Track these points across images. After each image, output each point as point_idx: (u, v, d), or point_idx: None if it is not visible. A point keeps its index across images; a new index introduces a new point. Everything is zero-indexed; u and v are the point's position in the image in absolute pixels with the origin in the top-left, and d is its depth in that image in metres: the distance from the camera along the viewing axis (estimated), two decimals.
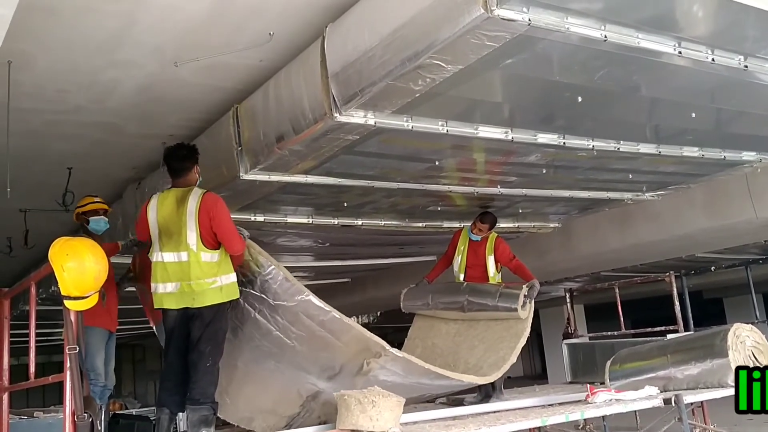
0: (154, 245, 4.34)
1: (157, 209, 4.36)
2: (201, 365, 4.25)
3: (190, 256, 4.25)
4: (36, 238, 7.78)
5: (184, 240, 4.26)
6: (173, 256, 4.27)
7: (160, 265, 4.30)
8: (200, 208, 4.27)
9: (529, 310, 6.33)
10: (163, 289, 4.30)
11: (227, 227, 4.36)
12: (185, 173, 4.48)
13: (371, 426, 4.60)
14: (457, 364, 6.33)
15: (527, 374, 33.02)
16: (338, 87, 4.14)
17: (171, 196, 4.40)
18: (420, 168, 5.95)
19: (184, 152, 4.53)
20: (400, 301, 7.08)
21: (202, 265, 4.26)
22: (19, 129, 5.27)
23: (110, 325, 5.44)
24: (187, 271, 4.24)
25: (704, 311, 21.15)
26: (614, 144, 5.67)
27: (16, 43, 4.03)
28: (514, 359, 6.15)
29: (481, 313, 6.51)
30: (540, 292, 6.47)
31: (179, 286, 4.26)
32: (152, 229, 4.34)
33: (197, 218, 4.26)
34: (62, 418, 3.64)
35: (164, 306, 4.32)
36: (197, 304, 4.25)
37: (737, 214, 7.65)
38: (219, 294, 4.30)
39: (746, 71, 4.31)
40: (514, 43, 3.54)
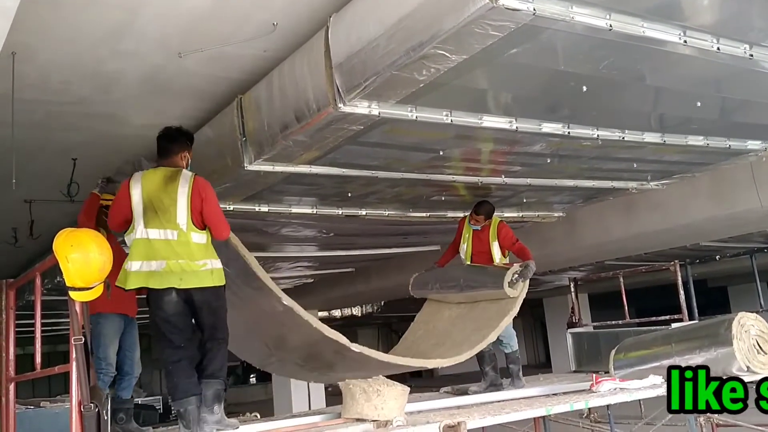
0: (137, 222, 4.22)
1: (142, 185, 4.28)
2: (213, 342, 4.33)
3: (180, 235, 4.20)
4: (41, 228, 7.80)
5: (173, 218, 4.20)
6: (159, 233, 4.19)
7: (143, 242, 4.19)
8: (193, 190, 4.26)
9: (521, 289, 6.34)
10: (147, 267, 4.18)
11: (217, 211, 4.37)
12: (170, 155, 4.45)
13: (376, 415, 4.63)
14: (445, 343, 6.38)
15: (531, 363, 33.18)
16: (342, 77, 4.13)
17: (158, 174, 4.35)
18: (424, 158, 5.95)
19: (173, 133, 4.50)
20: (410, 286, 7.15)
21: (192, 246, 4.22)
22: (23, 120, 5.27)
23: (127, 309, 5.32)
24: (176, 250, 4.18)
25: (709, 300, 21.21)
26: (619, 133, 5.66)
27: (20, 34, 4.02)
28: (493, 338, 6.19)
29: (476, 292, 6.57)
30: (544, 281, 6.50)
31: (165, 265, 4.17)
32: (135, 204, 4.24)
33: (189, 198, 4.24)
34: (69, 408, 3.66)
35: (148, 285, 4.18)
36: (185, 285, 4.18)
37: (742, 203, 7.63)
38: (210, 277, 4.27)
39: (752, 60, 4.30)
40: (519, 33, 3.52)
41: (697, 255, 14.03)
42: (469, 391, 6.43)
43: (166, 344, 4.26)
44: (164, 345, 4.27)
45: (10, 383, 4.43)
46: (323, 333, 4.96)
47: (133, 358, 5.38)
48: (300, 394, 16.84)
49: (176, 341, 4.25)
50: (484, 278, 6.55)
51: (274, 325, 5.22)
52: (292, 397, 16.85)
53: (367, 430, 4.53)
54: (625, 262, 12.35)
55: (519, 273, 6.28)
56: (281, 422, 4.94)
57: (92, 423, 3.59)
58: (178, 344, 4.26)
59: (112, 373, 5.18)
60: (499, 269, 6.48)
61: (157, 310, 4.23)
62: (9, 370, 4.46)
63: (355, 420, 4.71)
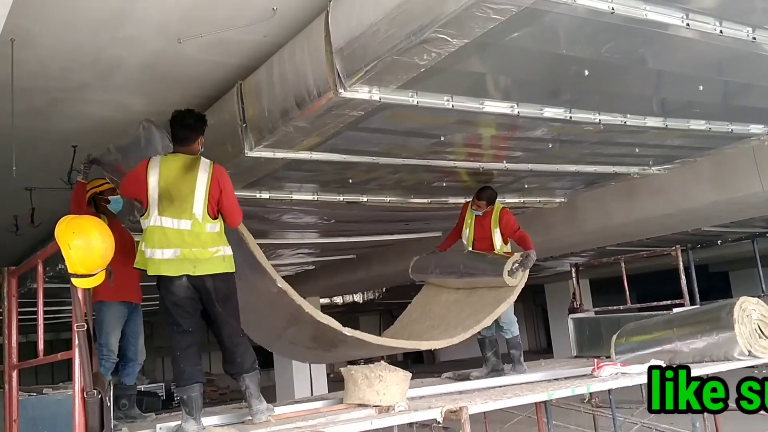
0: (151, 208, 4.24)
1: (159, 172, 4.29)
2: (237, 338, 4.37)
3: (194, 225, 4.22)
4: (42, 216, 7.80)
5: (189, 208, 4.23)
6: (173, 222, 4.22)
7: (158, 230, 4.22)
8: (212, 179, 4.30)
9: (521, 279, 6.35)
10: (160, 255, 4.21)
11: (233, 200, 4.41)
12: (189, 143, 4.46)
13: (378, 400, 4.65)
14: (440, 326, 6.43)
15: (533, 349, 33.28)
16: (343, 62, 4.11)
17: (177, 161, 4.36)
18: (425, 144, 5.93)
19: (191, 121, 4.48)
20: (409, 270, 7.16)
21: (205, 236, 4.25)
22: (23, 107, 5.25)
23: (130, 296, 5.36)
24: (188, 240, 4.21)
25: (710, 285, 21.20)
26: (621, 118, 5.64)
27: (19, 20, 4.00)
28: (488, 322, 6.24)
29: (475, 279, 6.59)
30: (546, 267, 6.51)
31: (178, 253, 4.20)
32: (151, 190, 4.25)
33: (208, 188, 4.27)
34: (71, 395, 3.67)
35: (161, 273, 4.22)
36: (198, 272, 4.22)
37: (744, 188, 7.62)
38: (222, 263, 4.30)
39: (754, 43, 4.28)
40: (520, 17, 3.50)
41: (699, 240, 14.00)
42: (471, 377, 6.45)
43: (175, 329, 4.29)
44: (173, 330, 4.30)
45: (13, 370, 4.45)
46: (315, 318, 5.01)
47: (137, 344, 5.41)
48: (302, 380, 16.90)
49: (185, 325, 4.28)
50: (484, 266, 6.56)
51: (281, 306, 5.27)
52: (294, 383, 16.91)
53: (369, 415, 4.54)
54: (626, 248, 12.34)
55: (519, 262, 6.28)
56: (284, 408, 4.95)
57: (95, 409, 3.60)
58: (186, 328, 4.29)
59: (113, 360, 5.22)
60: (499, 257, 6.49)
61: (167, 295, 4.26)
62: (12, 357, 4.47)
63: (358, 405, 4.73)
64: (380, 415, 4.53)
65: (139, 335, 5.43)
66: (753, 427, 7.40)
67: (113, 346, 5.22)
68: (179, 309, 4.27)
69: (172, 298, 4.25)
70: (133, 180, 4.39)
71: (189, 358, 4.28)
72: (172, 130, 4.50)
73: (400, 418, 4.54)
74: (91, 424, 3.58)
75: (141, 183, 4.30)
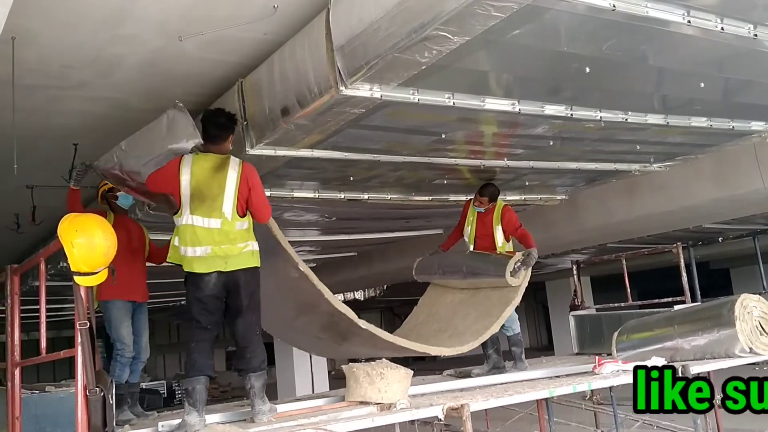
0: (184, 207, 4.35)
1: (191, 171, 4.37)
2: (252, 335, 4.44)
3: (223, 224, 4.33)
4: (43, 214, 7.80)
5: (218, 207, 4.33)
6: (203, 221, 4.32)
7: (189, 228, 4.33)
8: (241, 178, 4.40)
9: (523, 278, 6.36)
10: (192, 252, 4.32)
11: (262, 197, 4.54)
12: (220, 141, 4.55)
13: (380, 398, 4.66)
14: (447, 329, 6.44)
15: (534, 346, 33.30)
16: (344, 60, 4.11)
17: (208, 161, 4.45)
18: (426, 141, 5.93)
19: (223, 120, 4.57)
20: (413, 270, 7.17)
21: (234, 233, 4.36)
22: (24, 105, 5.26)
23: (133, 295, 5.39)
24: (218, 238, 4.31)
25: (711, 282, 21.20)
26: (622, 115, 5.63)
27: (20, 19, 4.00)
28: (497, 329, 6.24)
29: (479, 279, 6.59)
30: (547, 264, 6.50)
31: (209, 250, 4.31)
32: (183, 189, 4.35)
33: (237, 188, 4.37)
34: (74, 393, 3.68)
35: (194, 270, 4.32)
36: (230, 267, 4.33)
37: (745, 185, 7.61)
38: (251, 258, 4.43)
39: (756, 40, 4.26)
40: (521, 14, 3.50)
41: (700, 237, 14.00)
42: (472, 374, 6.45)
43: (194, 324, 4.38)
44: (192, 324, 4.40)
45: (16, 368, 4.46)
46: (333, 305, 5.03)
47: (141, 342, 5.43)
48: (303, 377, 16.92)
49: (204, 322, 4.36)
50: (487, 266, 6.57)
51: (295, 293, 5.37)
52: (295, 381, 16.92)
53: (370, 413, 4.55)
54: (627, 245, 12.34)
55: (521, 261, 6.29)
56: (285, 406, 4.96)
57: (98, 407, 3.62)
58: (205, 325, 4.37)
59: (129, 353, 5.25)
60: (501, 257, 6.49)
61: (195, 291, 4.35)
62: (14, 355, 4.48)
63: (359, 403, 4.74)
64: (382, 412, 4.54)
65: (143, 333, 5.45)
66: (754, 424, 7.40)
67: (126, 339, 5.25)
68: (202, 306, 4.35)
69: (198, 294, 4.34)
70: (166, 176, 4.46)
71: (202, 351, 4.36)
72: (205, 128, 4.57)
73: (401, 415, 4.55)
74: (94, 421, 3.59)
75: (174, 180, 4.39)
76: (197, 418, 4.20)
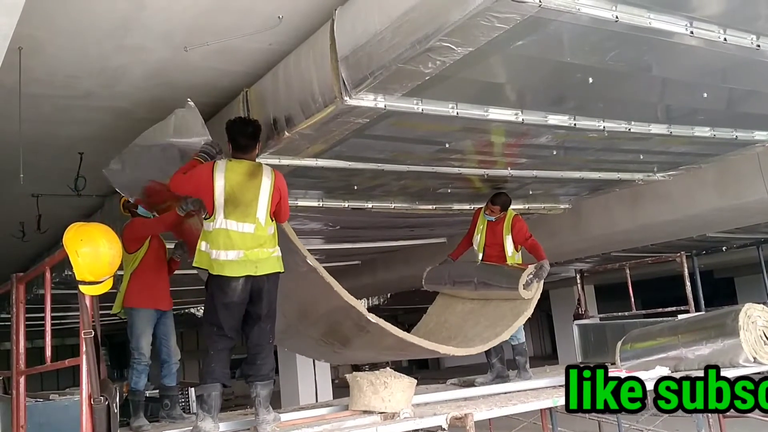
0: (217, 212, 4.40)
1: (225, 177, 4.44)
2: (265, 343, 4.50)
3: (257, 229, 4.42)
4: (48, 222, 7.84)
5: (253, 213, 4.42)
6: (237, 225, 4.39)
7: (223, 233, 4.38)
8: (274, 186, 4.52)
9: (536, 290, 6.35)
10: (225, 256, 4.36)
11: (287, 203, 4.70)
12: (250, 150, 4.64)
13: (383, 407, 4.66)
14: (457, 337, 6.41)
15: (538, 355, 33.21)
16: (348, 70, 4.13)
17: (241, 167, 4.52)
18: (430, 150, 5.95)
19: (250, 130, 4.65)
20: (423, 280, 7.16)
21: (265, 238, 4.44)
22: (30, 115, 5.28)
23: (161, 304, 5.51)
24: (250, 242, 4.38)
25: (715, 291, 21.14)
26: (625, 125, 5.64)
27: (27, 29, 4.03)
28: (507, 336, 6.24)
29: (490, 291, 6.57)
30: (550, 273, 6.49)
31: (242, 254, 4.35)
32: (217, 195, 4.41)
33: (271, 195, 4.49)
34: (78, 401, 3.68)
35: (225, 273, 4.36)
36: (260, 272, 4.39)
37: (749, 194, 7.61)
38: (278, 263, 4.51)
39: (758, 50, 4.28)
40: (525, 25, 3.52)
41: (704, 246, 13.97)
42: (476, 383, 6.44)
43: (215, 330, 4.41)
44: (212, 331, 4.42)
45: (21, 376, 4.46)
46: (343, 298, 5.03)
47: (169, 345, 5.55)
48: (307, 386, 16.87)
49: (226, 329, 4.39)
50: (499, 278, 6.51)
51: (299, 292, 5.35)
52: (299, 389, 16.88)
53: (374, 422, 4.55)
54: (631, 254, 12.32)
55: (534, 274, 6.28)
56: (289, 414, 4.96)
57: (102, 416, 3.62)
58: (226, 332, 4.40)
59: (145, 362, 5.37)
60: (513, 270, 6.45)
61: (221, 296, 4.39)
62: (19, 363, 4.49)
63: (363, 412, 4.74)
64: (385, 421, 4.54)
65: (170, 337, 5.56)
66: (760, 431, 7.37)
67: (144, 349, 5.36)
68: (227, 312, 4.39)
69: (225, 299, 4.37)
70: (198, 181, 4.51)
71: (221, 360, 4.40)
72: (234, 139, 4.64)
73: (405, 424, 4.54)
74: (98, 430, 3.60)
75: (207, 186, 4.45)
76: (212, 424, 4.23)
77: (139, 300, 5.35)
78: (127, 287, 5.42)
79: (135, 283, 5.40)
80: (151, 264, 5.49)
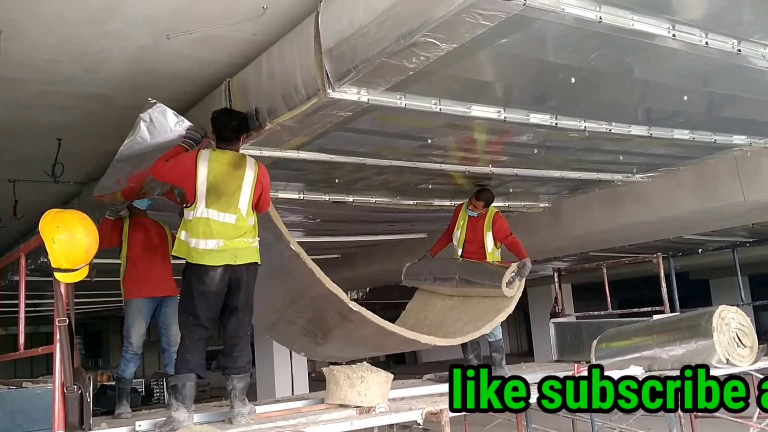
0: (199, 200, 4.40)
1: (209, 166, 4.44)
2: (243, 334, 4.50)
3: (238, 220, 4.43)
4: (25, 208, 7.74)
5: (235, 203, 4.43)
6: (218, 215, 4.39)
7: (204, 222, 4.38)
8: (257, 178, 4.55)
9: (518, 288, 6.38)
10: (204, 245, 4.35)
11: (269, 195, 4.74)
12: (234, 142, 4.67)
13: (359, 401, 4.66)
14: (437, 333, 6.42)
15: (514, 352, 33.40)
16: (332, 63, 4.11)
17: (225, 157, 4.55)
18: (412, 146, 5.95)
19: (236, 123, 4.68)
20: (402, 275, 7.15)
21: (246, 228, 4.46)
22: (8, 99, 5.22)
23: (156, 291, 5.57)
24: (231, 232, 4.39)
25: (690, 292, 21.37)
26: (606, 125, 5.69)
27: (7, 12, 3.99)
28: (488, 330, 6.27)
29: (472, 288, 6.59)
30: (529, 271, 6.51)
31: (221, 244, 4.36)
32: (199, 183, 4.41)
33: (254, 186, 4.52)
34: (51, 389, 3.66)
35: (204, 262, 4.35)
36: (240, 261, 4.39)
37: (726, 197, 7.69)
38: (257, 253, 4.52)
39: (739, 55, 4.33)
40: (509, 23, 3.52)
41: (680, 248, 14.13)
42: None
43: (191, 320, 4.39)
44: (188, 320, 4.41)
45: None
46: (325, 285, 5.03)
47: (169, 334, 5.60)
48: (284, 379, 16.86)
49: (203, 318, 4.38)
50: (482, 276, 6.54)
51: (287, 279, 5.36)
52: (275, 382, 16.86)
53: (350, 415, 4.56)
54: (608, 254, 12.43)
55: (516, 272, 6.30)
56: (264, 407, 4.96)
57: (75, 404, 3.60)
58: (203, 322, 4.39)
59: (132, 351, 5.51)
60: (496, 267, 6.48)
61: (199, 285, 4.37)
62: None
63: (339, 406, 4.74)
64: (361, 415, 4.55)
65: (170, 326, 5.58)
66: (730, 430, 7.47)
67: (132, 339, 5.47)
68: (205, 301, 4.38)
69: (203, 288, 4.36)
70: (181, 170, 4.51)
71: (197, 350, 4.38)
72: (218, 130, 4.66)
73: (380, 419, 4.56)
74: (71, 419, 3.58)
75: (190, 175, 4.44)
76: (186, 415, 4.21)
77: (130, 291, 5.49)
78: (123, 279, 5.59)
79: (127, 274, 5.58)
80: (139, 254, 5.55)
